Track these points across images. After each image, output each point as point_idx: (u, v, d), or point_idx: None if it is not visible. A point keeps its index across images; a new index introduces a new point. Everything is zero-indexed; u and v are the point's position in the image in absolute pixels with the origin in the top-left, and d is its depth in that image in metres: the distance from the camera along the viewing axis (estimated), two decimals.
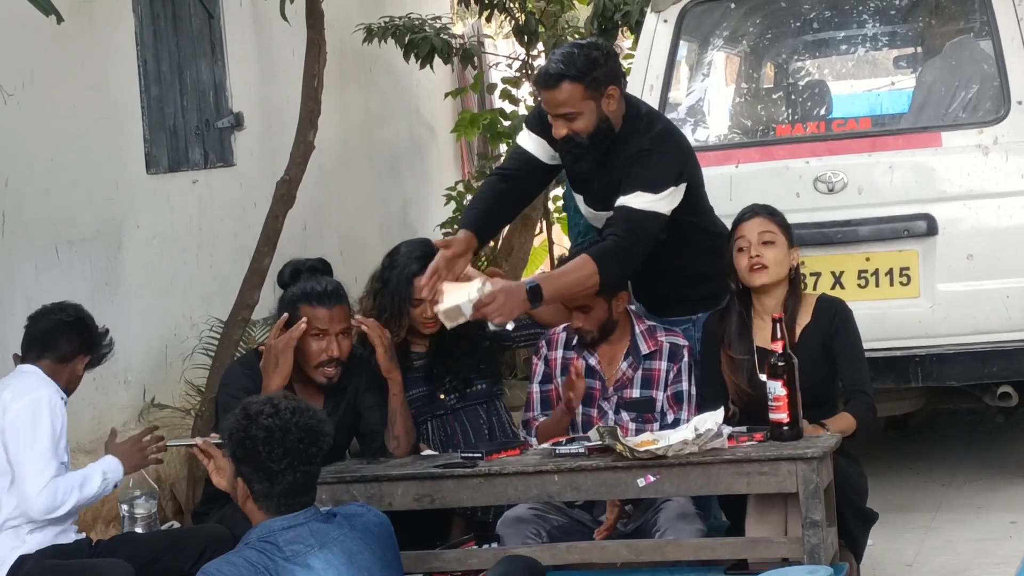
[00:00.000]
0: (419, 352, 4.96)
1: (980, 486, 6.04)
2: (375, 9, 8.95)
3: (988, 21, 5.79)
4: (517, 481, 4.27)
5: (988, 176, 5.68)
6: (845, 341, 4.56)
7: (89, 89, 6.35)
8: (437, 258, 4.56)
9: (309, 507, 3.42)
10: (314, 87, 6.40)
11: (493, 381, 5.03)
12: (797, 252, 4.61)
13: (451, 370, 4.91)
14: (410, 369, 4.89)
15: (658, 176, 4.59)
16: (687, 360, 4.71)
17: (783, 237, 4.58)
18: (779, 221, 4.62)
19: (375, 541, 3.45)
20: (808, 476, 4.07)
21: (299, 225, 7.55)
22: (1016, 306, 5.62)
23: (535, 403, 4.80)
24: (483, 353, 4.95)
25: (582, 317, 4.66)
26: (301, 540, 3.35)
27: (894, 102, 6.44)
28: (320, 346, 4.53)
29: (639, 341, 4.73)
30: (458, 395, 4.93)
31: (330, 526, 3.41)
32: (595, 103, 4.60)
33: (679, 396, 4.68)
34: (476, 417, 4.95)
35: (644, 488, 4.18)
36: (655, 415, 4.68)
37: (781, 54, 6.85)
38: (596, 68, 4.58)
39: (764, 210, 4.64)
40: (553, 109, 4.61)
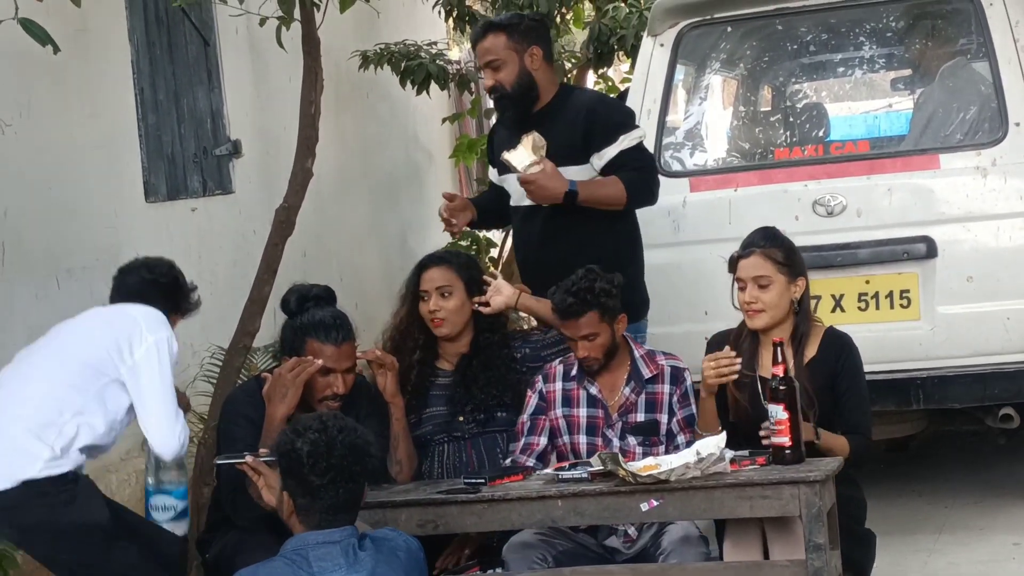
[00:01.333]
0: (445, 370, 4.95)
1: (983, 508, 6.03)
2: (371, 36, 8.97)
3: (985, 43, 5.80)
4: (520, 506, 4.27)
5: (987, 198, 5.68)
6: (850, 384, 4.53)
7: (86, 118, 6.36)
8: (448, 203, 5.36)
9: (348, 526, 3.44)
10: (311, 114, 6.40)
11: (516, 412, 4.92)
12: (802, 281, 4.56)
13: (474, 398, 4.88)
14: (433, 386, 4.90)
15: (625, 116, 5.22)
16: (689, 383, 4.71)
17: (780, 275, 4.52)
18: (776, 257, 4.54)
19: (400, 566, 3.46)
20: (811, 499, 4.07)
21: (299, 252, 7.55)
22: (1016, 328, 5.62)
23: (524, 434, 4.79)
24: (509, 386, 4.90)
25: (587, 346, 4.66)
26: (331, 558, 3.38)
27: (892, 124, 6.46)
28: (326, 381, 4.52)
29: (640, 366, 4.74)
30: (478, 423, 4.89)
31: (362, 552, 3.44)
32: (518, 56, 5.15)
33: (690, 419, 4.67)
34: (494, 445, 4.88)
35: (647, 513, 4.18)
36: (660, 438, 4.67)
37: (778, 77, 6.86)
38: (521, 22, 5.22)
39: (764, 242, 4.58)
40: (481, 59, 5.21)
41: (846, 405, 4.51)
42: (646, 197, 5.19)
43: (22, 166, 5.94)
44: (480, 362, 4.88)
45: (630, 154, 5.12)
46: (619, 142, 5.09)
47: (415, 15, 9.94)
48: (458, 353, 4.95)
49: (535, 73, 5.16)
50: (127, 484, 6.09)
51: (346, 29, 8.40)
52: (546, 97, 5.22)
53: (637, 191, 5.12)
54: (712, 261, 5.58)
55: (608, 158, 5.11)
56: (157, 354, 4.35)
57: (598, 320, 4.66)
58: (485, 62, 5.19)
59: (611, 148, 5.09)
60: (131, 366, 4.32)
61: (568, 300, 4.66)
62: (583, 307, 4.64)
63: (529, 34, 5.18)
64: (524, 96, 5.17)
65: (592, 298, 4.65)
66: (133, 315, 4.43)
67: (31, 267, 5.96)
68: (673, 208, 5.92)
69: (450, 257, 5.05)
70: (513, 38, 5.16)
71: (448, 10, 8.97)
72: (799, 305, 4.56)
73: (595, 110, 5.18)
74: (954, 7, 6.03)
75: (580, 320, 4.64)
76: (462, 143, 9.84)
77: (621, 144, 5.10)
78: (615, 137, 5.10)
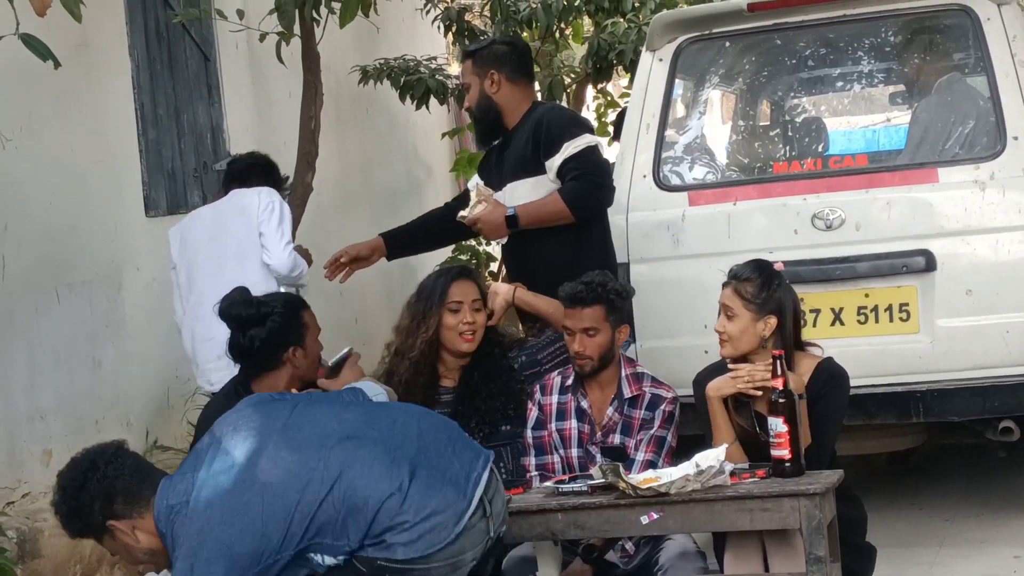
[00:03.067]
0: (447, 387, 4.94)
1: (983, 521, 6.03)
2: (370, 51, 8.99)
3: (983, 57, 5.81)
4: (521, 520, 4.26)
5: (985, 211, 5.69)
6: (823, 412, 4.42)
7: (87, 133, 6.37)
8: (347, 248, 5.65)
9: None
10: (311, 129, 6.43)
11: (520, 424, 4.92)
12: (773, 320, 4.45)
13: (478, 411, 4.87)
14: (436, 403, 4.88)
15: (569, 124, 5.32)
16: (663, 408, 4.68)
17: (746, 311, 4.45)
18: (746, 292, 4.47)
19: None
20: (811, 512, 4.07)
21: None
22: (1016, 341, 5.62)
23: (530, 448, 4.80)
24: (512, 396, 4.90)
25: (586, 341, 4.66)
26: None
27: (890, 138, 6.47)
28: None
29: (623, 384, 4.73)
30: (483, 436, 4.87)
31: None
32: (479, 80, 5.42)
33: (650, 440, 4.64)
34: (498, 459, 4.85)
35: (647, 525, 4.17)
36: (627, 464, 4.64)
37: (777, 91, 6.87)
38: (482, 49, 5.50)
39: (742, 275, 4.52)
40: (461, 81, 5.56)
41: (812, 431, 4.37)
42: (589, 204, 5.26)
43: (23, 180, 5.95)
44: (481, 374, 4.89)
45: (571, 163, 5.22)
46: (563, 151, 5.22)
47: (414, 30, 9.97)
48: (459, 367, 4.95)
49: (494, 96, 5.41)
50: None
51: (346, 44, 8.43)
52: (514, 118, 5.42)
53: (576, 201, 5.20)
54: (711, 275, 5.57)
55: (555, 168, 5.25)
56: (273, 208, 5.83)
57: (603, 316, 4.67)
58: (462, 85, 5.54)
59: (557, 157, 5.22)
60: (262, 221, 5.78)
61: (579, 287, 4.69)
62: (592, 297, 4.67)
63: (491, 60, 5.42)
64: (484, 117, 5.44)
65: (603, 292, 4.69)
66: (251, 199, 5.84)
67: (32, 281, 5.97)
68: (672, 222, 5.94)
69: (474, 273, 5.10)
70: (477, 63, 5.43)
71: (447, 25, 9.00)
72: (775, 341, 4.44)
73: (541, 121, 5.33)
74: (952, 22, 6.04)
75: (586, 310, 4.66)
76: (462, 157, 9.86)
77: (565, 152, 5.22)
78: (559, 146, 5.23)
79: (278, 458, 3.59)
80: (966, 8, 5.86)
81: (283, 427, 3.67)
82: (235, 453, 3.60)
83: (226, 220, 5.90)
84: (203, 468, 3.59)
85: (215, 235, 5.89)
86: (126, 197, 6.65)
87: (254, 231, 5.85)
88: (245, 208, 5.88)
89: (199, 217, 6.05)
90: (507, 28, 8.63)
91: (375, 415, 3.83)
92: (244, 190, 5.93)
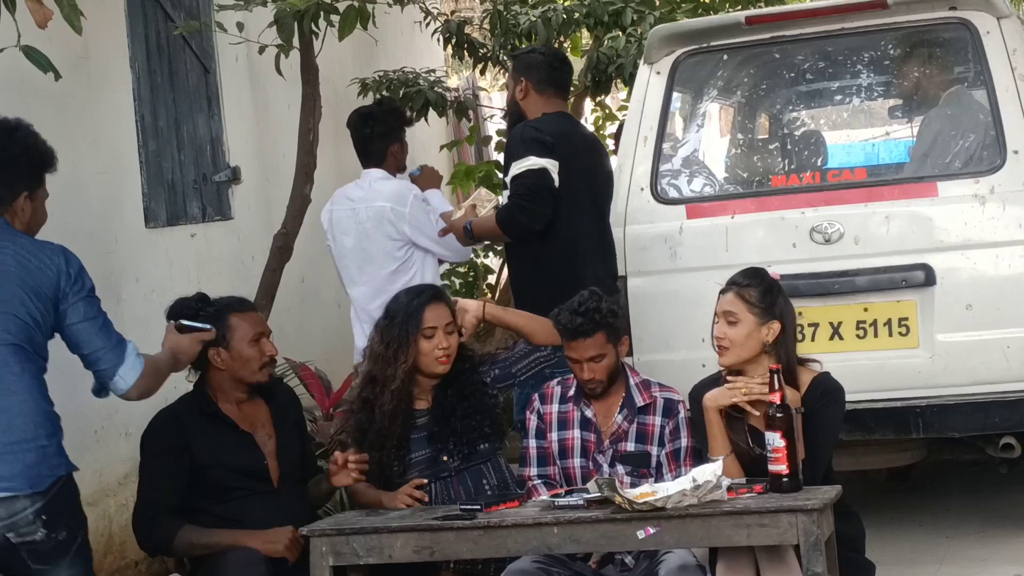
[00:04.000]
0: (422, 409, 4.89)
1: (984, 538, 6.00)
2: (369, 63, 8.99)
3: (982, 71, 5.81)
4: (516, 533, 4.25)
5: (985, 226, 5.68)
6: (818, 428, 4.41)
7: (88, 145, 6.37)
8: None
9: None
10: (310, 141, 6.43)
11: (497, 439, 4.93)
12: (777, 325, 4.48)
13: (455, 432, 4.83)
14: (412, 428, 4.84)
15: (518, 145, 5.64)
16: (683, 415, 4.69)
17: (750, 315, 4.46)
18: (750, 297, 4.48)
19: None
20: (809, 528, 4.05)
21: (297, 278, 7.55)
22: (1016, 356, 5.60)
23: (532, 459, 4.79)
24: (487, 412, 4.87)
25: (594, 368, 4.65)
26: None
27: (890, 152, 6.46)
28: (259, 349, 4.75)
29: (634, 394, 4.73)
30: (462, 457, 4.85)
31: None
32: (512, 83, 5.93)
33: (677, 453, 4.66)
34: (480, 477, 4.86)
35: (644, 540, 4.16)
36: (650, 470, 4.66)
37: (775, 104, 6.87)
38: (521, 55, 6.03)
39: (744, 281, 4.53)
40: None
41: (806, 446, 4.35)
42: (515, 223, 5.64)
43: None
44: (455, 391, 4.84)
45: (513, 183, 5.63)
46: (511, 169, 5.62)
47: (413, 43, 9.98)
48: (432, 387, 4.89)
49: (520, 101, 5.88)
50: (126, 508, 6.07)
51: (345, 57, 8.43)
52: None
53: (503, 220, 5.67)
54: (709, 288, 5.56)
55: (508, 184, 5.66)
56: (420, 207, 6.17)
57: (605, 341, 4.65)
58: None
59: (507, 177, 5.65)
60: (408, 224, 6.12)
61: (577, 320, 4.64)
62: (593, 327, 4.63)
63: (523, 67, 5.89)
64: (512, 120, 5.93)
65: (600, 318, 4.65)
66: (384, 207, 6.14)
67: None
68: (670, 235, 5.93)
69: (444, 293, 5.05)
70: (514, 68, 5.96)
71: (447, 38, 9.00)
72: (776, 348, 4.47)
73: (510, 137, 5.77)
74: (952, 35, 6.04)
75: (589, 340, 4.63)
76: (460, 170, 9.85)
77: (511, 171, 5.63)
78: (509, 164, 5.66)
79: None
80: (965, 22, 5.86)
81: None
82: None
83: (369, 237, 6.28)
84: None
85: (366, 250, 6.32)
86: (126, 208, 6.63)
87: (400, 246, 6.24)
88: (383, 226, 6.21)
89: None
90: (506, 41, 8.63)
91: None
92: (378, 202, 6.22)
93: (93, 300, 4.06)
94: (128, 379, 4.09)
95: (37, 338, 3.99)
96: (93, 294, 4.06)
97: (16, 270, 3.97)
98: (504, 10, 8.65)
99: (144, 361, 4.13)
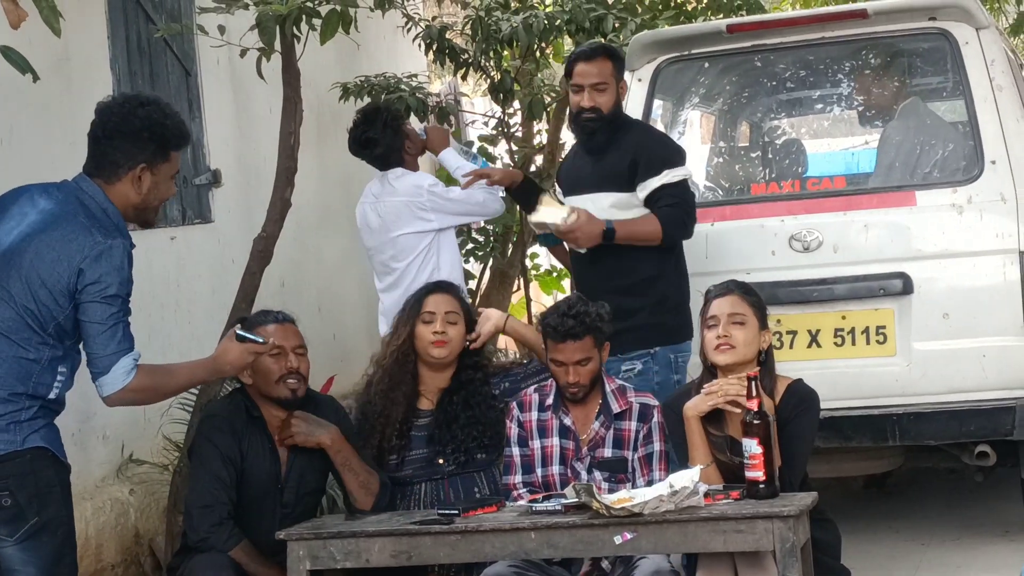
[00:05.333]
0: (426, 410, 4.93)
1: (960, 545, 6.03)
2: (351, 68, 8.99)
3: (961, 81, 5.84)
4: (494, 538, 4.26)
5: (962, 235, 5.71)
6: (794, 433, 4.43)
7: (68, 147, 6.34)
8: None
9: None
10: (291, 144, 6.42)
11: (495, 451, 4.94)
12: (768, 335, 4.55)
13: (455, 439, 4.86)
14: (414, 427, 4.88)
15: (672, 152, 5.43)
16: (657, 420, 4.71)
17: (754, 319, 4.51)
18: (752, 302, 4.54)
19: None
20: (785, 534, 4.07)
21: (277, 282, 7.54)
22: (992, 365, 5.64)
23: (516, 467, 4.80)
24: (489, 424, 4.89)
25: (579, 371, 4.67)
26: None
27: (869, 161, 6.49)
28: (280, 363, 4.68)
29: (610, 400, 4.74)
30: (458, 464, 4.88)
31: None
32: (616, 83, 5.46)
33: (650, 457, 4.67)
34: (472, 484, 4.89)
35: (621, 545, 4.17)
36: (627, 475, 4.67)
37: (756, 113, 6.89)
38: (620, 54, 5.61)
39: (739, 288, 4.58)
40: (585, 79, 5.42)
41: (784, 455, 4.37)
42: (681, 232, 5.41)
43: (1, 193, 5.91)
44: (461, 398, 4.89)
45: (670, 189, 5.34)
46: (662, 175, 5.35)
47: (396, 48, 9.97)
48: (439, 388, 4.94)
49: (621, 103, 5.58)
50: (103, 511, 6.06)
51: (327, 61, 8.42)
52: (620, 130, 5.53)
53: (673, 227, 5.35)
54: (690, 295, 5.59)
55: (650, 189, 5.34)
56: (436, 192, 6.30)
57: (592, 345, 4.69)
58: (590, 83, 5.42)
59: (654, 180, 5.34)
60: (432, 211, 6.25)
61: (568, 323, 4.67)
62: (583, 330, 4.67)
63: (623, 67, 5.60)
64: (613, 121, 5.46)
65: (591, 321, 4.70)
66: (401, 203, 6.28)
67: None
68: None
69: (454, 288, 5.11)
70: (617, 66, 5.52)
71: (428, 43, 9.00)
72: (764, 357, 4.51)
73: (643, 143, 5.43)
74: (931, 45, 6.07)
75: (577, 344, 4.66)
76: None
77: (664, 178, 5.34)
78: (660, 170, 5.35)
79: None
80: (945, 32, 5.89)
81: None
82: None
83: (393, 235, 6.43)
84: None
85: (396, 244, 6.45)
86: None
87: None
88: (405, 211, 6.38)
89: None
90: (488, 47, 8.64)
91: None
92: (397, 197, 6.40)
93: (110, 304, 4.00)
94: (104, 390, 4.08)
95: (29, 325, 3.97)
96: (114, 298, 4.01)
97: (31, 256, 3.99)
98: (486, 16, 8.66)
99: (136, 376, 4.07)
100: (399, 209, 6.30)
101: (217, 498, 4.57)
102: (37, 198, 4.18)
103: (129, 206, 4.15)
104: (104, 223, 4.06)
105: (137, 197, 4.15)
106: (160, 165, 4.17)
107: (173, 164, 4.22)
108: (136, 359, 4.04)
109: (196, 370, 4.37)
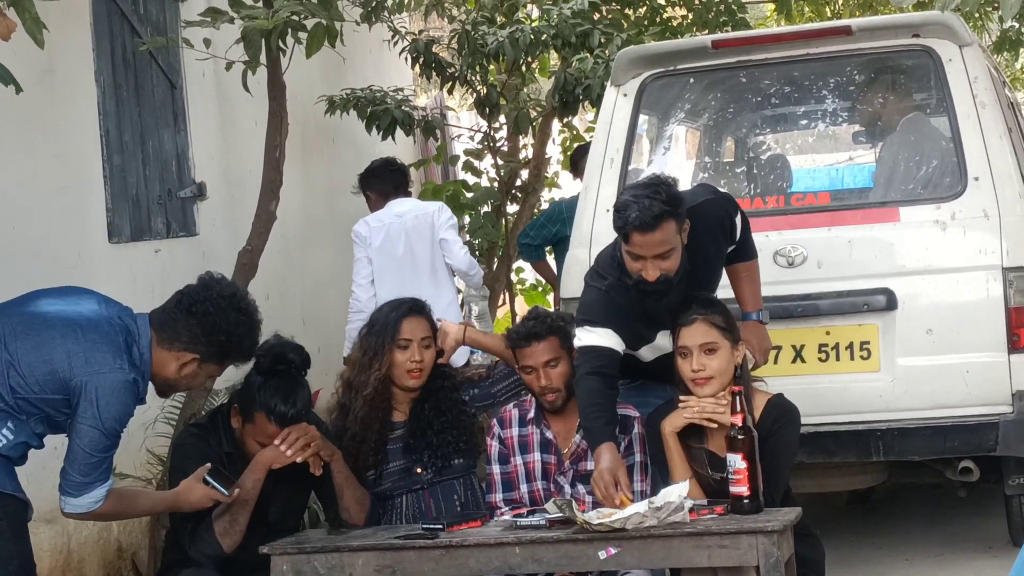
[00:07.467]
0: (399, 422, 4.91)
1: (943, 561, 6.03)
2: (337, 81, 9.00)
3: (944, 98, 5.86)
4: (478, 553, 4.26)
5: (946, 251, 5.72)
6: (775, 449, 4.42)
7: (51, 159, 6.34)
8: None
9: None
10: (276, 157, 6.42)
11: (471, 456, 4.95)
12: (743, 347, 4.53)
13: (430, 445, 4.85)
14: (389, 440, 4.87)
15: (734, 206, 4.98)
16: (637, 431, 4.71)
17: (726, 340, 4.46)
18: (720, 323, 4.47)
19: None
20: (769, 549, 4.07)
21: (262, 295, 7.49)
22: (976, 381, 5.65)
23: (496, 484, 4.80)
24: (463, 429, 4.89)
25: (550, 374, 4.68)
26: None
27: (853, 177, 6.51)
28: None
29: None
30: (435, 470, 4.87)
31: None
32: (679, 236, 4.58)
33: (631, 469, 4.67)
34: (451, 492, 4.88)
35: (605, 560, 4.17)
36: None
37: (741, 128, 6.91)
38: (679, 202, 4.55)
39: (707, 310, 4.48)
40: (651, 250, 4.51)
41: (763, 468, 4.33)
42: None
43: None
44: (432, 405, 4.88)
45: (741, 230, 4.97)
46: (737, 225, 4.91)
47: (382, 61, 9.98)
48: (410, 400, 4.93)
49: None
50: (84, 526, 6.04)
51: (312, 74, 8.43)
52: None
53: (755, 248, 5.13)
54: None
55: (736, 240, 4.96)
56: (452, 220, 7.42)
57: (559, 346, 4.70)
58: (656, 253, 4.53)
59: (736, 232, 4.93)
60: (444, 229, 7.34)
61: (529, 323, 4.73)
62: (545, 330, 4.70)
63: (684, 211, 4.60)
64: (677, 282, 4.62)
65: (552, 322, 4.73)
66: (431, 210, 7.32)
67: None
68: None
69: (426, 308, 5.02)
70: (679, 221, 4.57)
71: (415, 57, 9.02)
72: (740, 371, 4.50)
73: (723, 223, 4.86)
74: (915, 62, 6.09)
75: (542, 344, 4.68)
76: (427, 189, 9.87)
77: (738, 226, 4.93)
78: (737, 226, 4.92)
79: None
80: (928, 49, 5.91)
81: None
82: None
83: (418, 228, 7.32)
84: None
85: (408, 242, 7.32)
86: (89, 223, 6.61)
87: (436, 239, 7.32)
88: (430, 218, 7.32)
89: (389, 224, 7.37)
90: (474, 61, 8.66)
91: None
92: (420, 203, 7.56)
93: (107, 437, 4.08)
94: (67, 509, 4.16)
95: (17, 406, 4.03)
96: (103, 428, 4.06)
97: (56, 335, 4.09)
98: (472, 30, 8.68)
99: (103, 503, 4.12)
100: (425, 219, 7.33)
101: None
102: (96, 302, 4.25)
103: (161, 373, 4.24)
104: (135, 361, 4.14)
105: (173, 374, 4.25)
106: (210, 365, 4.27)
107: (220, 370, 4.33)
108: (109, 489, 4.11)
109: (158, 503, 4.55)
